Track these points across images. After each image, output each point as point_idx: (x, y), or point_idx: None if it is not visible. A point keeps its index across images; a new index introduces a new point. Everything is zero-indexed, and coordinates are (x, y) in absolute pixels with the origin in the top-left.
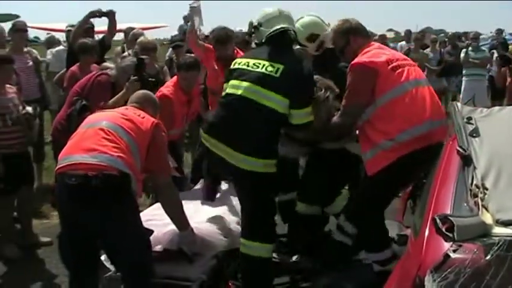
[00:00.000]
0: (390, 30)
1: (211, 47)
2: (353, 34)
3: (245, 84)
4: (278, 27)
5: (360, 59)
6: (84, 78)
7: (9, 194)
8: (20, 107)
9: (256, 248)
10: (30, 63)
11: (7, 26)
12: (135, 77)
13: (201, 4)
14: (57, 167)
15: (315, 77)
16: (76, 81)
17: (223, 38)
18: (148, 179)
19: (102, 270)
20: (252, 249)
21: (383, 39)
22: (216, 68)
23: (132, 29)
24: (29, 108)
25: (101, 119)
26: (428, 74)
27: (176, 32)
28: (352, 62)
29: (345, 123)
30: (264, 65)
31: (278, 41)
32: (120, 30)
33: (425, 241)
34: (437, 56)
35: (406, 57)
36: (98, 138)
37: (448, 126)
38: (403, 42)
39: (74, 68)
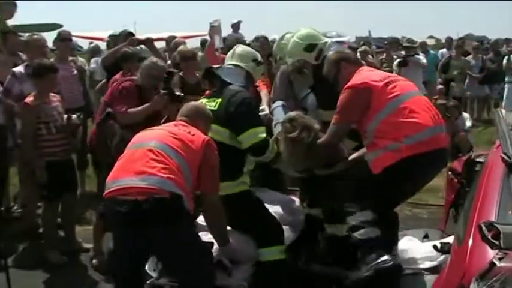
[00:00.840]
0: (431, 37)
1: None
2: (344, 61)
3: None
4: (223, 65)
5: (352, 82)
6: (111, 87)
7: (52, 201)
8: (65, 116)
9: (267, 252)
10: (75, 71)
11: (50, 35)
12: (164, 91)
13: (220, 24)
14: (106, 191)
15: (296, 113)
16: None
17: None
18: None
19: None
20: (265, 256)
21: (423, 47)
22: None
23: (174, 37)
24: (74, 116)
25: (149, 138)
26: (470, 82)
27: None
28: (346, 86)
29: (331, 142)
30: (209, 102)
31: (221, 78)
32: (161, 39)
33: (469, 249)
34: (479, 63)
35: (395, 75)
36: (147, 159)
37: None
38: (444, 50)
39: (117, 76)
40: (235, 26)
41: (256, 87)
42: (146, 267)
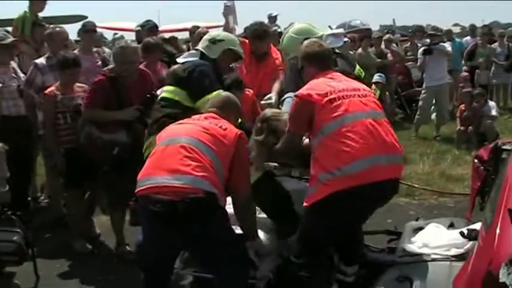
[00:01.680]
0: (456, 24)
1: (245, 40)
2: (307, 63)
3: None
4: None
5: (301, 90)
6: None
7: (74, 189)
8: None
9: None
10: (99, 62)
11: (74, 26)
12: (138, 109)
13: (235, 3)
14: (138, 189)
15: (272, 113)
16: None
17: (261, 33)
18: None
19: None
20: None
21: (449, 35)
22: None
23: (198, 27)
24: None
25: (180, 134)
26: (496, 69)
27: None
28: (296, 93)
29: (284, 150)
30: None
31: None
32: (185, 29)
33: (497, 235)
34: (505, 51)
35: (358, 87)
36: (179, 157)
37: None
38: (468, 37)
39: (140, 66)
40: (272, 19)
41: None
42: None
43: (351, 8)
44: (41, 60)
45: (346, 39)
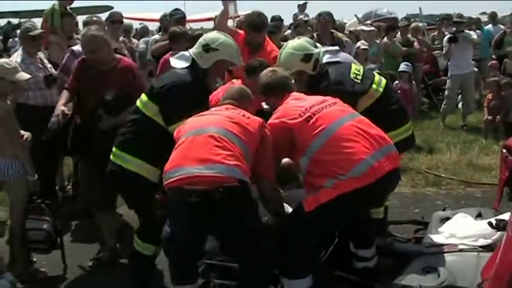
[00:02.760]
0: (483, 13)
1: (238, 31)
2: (269, 93)
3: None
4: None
5: (272, 119)
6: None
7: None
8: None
9: (146, 247)
10: (125, 52)
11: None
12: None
13: None
14: (168, 181)
15: None
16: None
17: (259, 25)
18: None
19: None
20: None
21: (477, 23)
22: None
23: None
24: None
25: (206, 124)
26: None
27: None
28: (268, 122)
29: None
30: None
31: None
32: (210, 19)
33: None
34: None
35: (324, 99)
36: (209, 146)
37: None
38: (490, 26)
39: (166, 55)
40: (302, 7)
41: (230, 74)
42: None
43: None
44: (78, 47)
45: (372, 28)
